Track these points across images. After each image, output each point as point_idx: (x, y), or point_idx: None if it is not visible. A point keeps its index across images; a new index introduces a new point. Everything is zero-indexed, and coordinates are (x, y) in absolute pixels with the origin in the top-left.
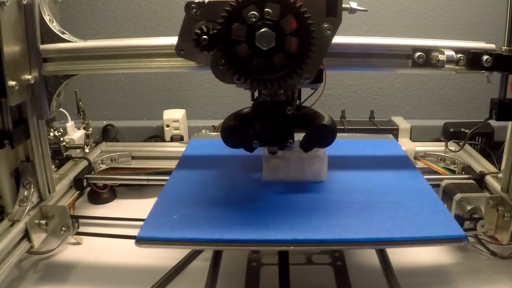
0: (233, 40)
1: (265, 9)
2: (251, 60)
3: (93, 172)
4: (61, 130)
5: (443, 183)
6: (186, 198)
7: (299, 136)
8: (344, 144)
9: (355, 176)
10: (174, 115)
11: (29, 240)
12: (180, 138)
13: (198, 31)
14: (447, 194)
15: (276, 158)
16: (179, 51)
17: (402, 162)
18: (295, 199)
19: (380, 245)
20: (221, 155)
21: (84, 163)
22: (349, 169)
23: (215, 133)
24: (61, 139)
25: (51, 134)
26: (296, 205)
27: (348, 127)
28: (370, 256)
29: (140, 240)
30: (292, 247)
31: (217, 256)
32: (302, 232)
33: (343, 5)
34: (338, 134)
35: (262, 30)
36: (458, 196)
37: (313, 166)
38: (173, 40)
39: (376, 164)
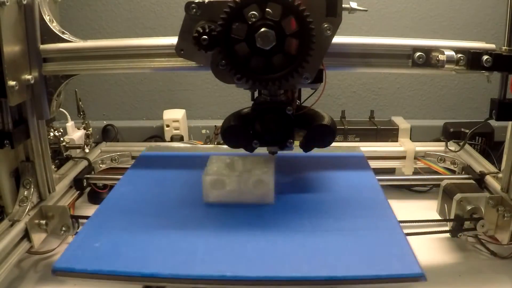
0: (233, 39)
1: (266, 9)
2: (250, 60)
3: (93, 172)
4: (61, 130)
5: (443, 183)
6: (119, 220)
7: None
8: (305, 159)
9: (306, 197)
10: (174, 115)
11: (29, 240)
12: (180, 138)
13: (199, 31)
14: (447, 194)
15: (218, 179)
16: (179, 51)
17: (364, 179)
18: (235, 225)
19: (319, 284)
20: (168, 172)
21: (84, 163)
22: (301, 189)
23: (168, 145)
24: (61, 139)
25: (51, 134)
26: (234, 232)
27: (348, 127)
28: None
29: (57, 271)
30: (218, 286)
31: None
32: (234, 267)
33: (343, 5)
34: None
35: (263, 30)
36: (458, 196)
37: (258, 189)
38: (173, 40)
39: (334, 183)
